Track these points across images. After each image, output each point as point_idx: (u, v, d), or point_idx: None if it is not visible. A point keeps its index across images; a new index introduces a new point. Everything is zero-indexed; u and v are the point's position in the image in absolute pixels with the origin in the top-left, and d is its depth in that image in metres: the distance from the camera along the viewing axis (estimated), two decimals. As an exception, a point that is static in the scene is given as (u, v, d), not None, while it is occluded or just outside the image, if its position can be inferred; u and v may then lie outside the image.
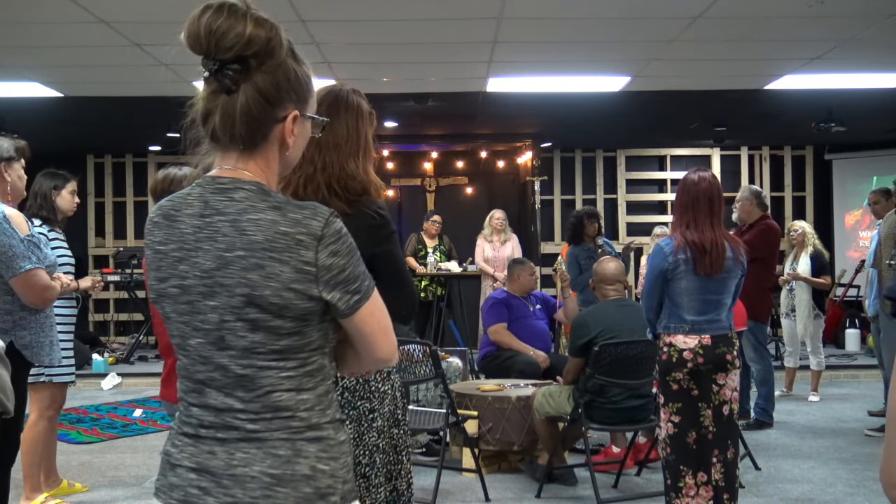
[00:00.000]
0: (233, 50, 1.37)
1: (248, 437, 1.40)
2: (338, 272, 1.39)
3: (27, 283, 3.39)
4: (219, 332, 1.40)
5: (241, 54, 1.38)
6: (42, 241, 3.77)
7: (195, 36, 1.38)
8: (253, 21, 1.38)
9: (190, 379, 1.46)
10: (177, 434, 1.49)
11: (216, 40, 1.37)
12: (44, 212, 4.40)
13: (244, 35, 1.37)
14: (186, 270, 1.41)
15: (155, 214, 1.49)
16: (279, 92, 1.42)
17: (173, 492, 1.44)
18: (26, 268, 3.36)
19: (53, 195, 4.43)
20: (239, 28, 1.37)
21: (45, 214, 4.40)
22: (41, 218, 4.39)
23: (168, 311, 1.46)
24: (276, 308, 1.37)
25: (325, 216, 1.40)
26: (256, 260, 1.36)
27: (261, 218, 1.38)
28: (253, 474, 1.38)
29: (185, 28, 1.39)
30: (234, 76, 1.39)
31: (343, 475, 1.45)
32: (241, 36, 1.37)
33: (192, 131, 1.48)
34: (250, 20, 1.38)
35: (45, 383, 4.34)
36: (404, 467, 2.41)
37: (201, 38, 1.37)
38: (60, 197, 4.47)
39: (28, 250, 3.38)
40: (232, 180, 1.42)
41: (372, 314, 1.46)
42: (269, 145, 1.46)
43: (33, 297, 3.43)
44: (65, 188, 4.50)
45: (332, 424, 1.46)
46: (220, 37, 1.36)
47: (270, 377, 1.40)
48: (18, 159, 3.57)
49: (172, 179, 3.14)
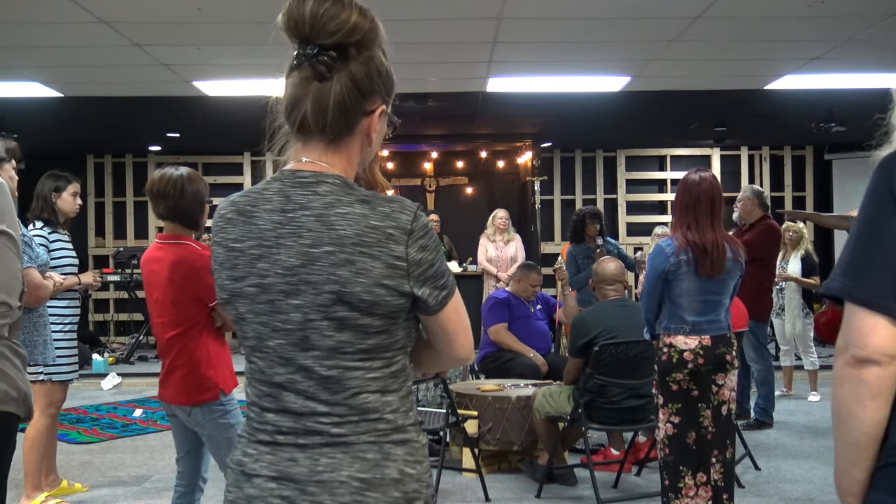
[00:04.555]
0: (335, 36, 1.35)
1: (333, 441, 1.35)
2: (427, 267, 1.36)
3: None
4: (302, 332, 1.35)
5: (342, 42, 1.35)
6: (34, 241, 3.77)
7: (298, 18, 1.35)
8: (357, 10, 1.36)
9: (266, 383, 1.39)
10: (249, 442, 1.42)
11: (322, 25, 1.34)
12: (45, 214, 4.44)
13: (349, 22, 1.35)
14: (266, 268, 1.36)
15: (227, 210, 1.43)
16: (372, 84, 1.40)
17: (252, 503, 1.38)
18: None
19: (54, 197, 4.46)
20: (344, 15, 1.35)
21: (47, 216, 4.43)
22: (42, 220, 4.42)
23: (243, 311, 1.39)
24: (367, 305, 1.32)
25: (412, 210, 1.36)
26: (346, 255, 1.31)
27: (349, 212, 1.33)
28: (342, 479, 1.33)
29: (284, 11, 1.36)
30: (331, 63, 1.35)
31: (427, 479, 1.41)
32: (346, 23, 1.35)
33: (272, 122, 1.44)
34: (355, 8, 1.36)
35: (44, 382, 4.35)
36: None
37: (305, 22, 1.34)
38: (61, 199, 4.49)
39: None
40: (314, 174, 1.38)
41: (456, 311, 1.43)
42: (354, 139, 1.42)
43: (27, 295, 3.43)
44: (66, 190, 4.51)
45: (414, 427, 1.42)
46: (325, 21, 1.34)
47: (357, 378, 1.35)
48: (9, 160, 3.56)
49: (169, 179, 3.13)
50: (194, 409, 3.07)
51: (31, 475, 4.36)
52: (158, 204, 3.15)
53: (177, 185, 3.11)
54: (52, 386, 4.42)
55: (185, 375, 3.07)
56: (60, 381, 4.47)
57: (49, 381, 4.39)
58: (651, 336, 3.79)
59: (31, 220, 4.42)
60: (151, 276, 3.15)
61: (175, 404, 3.13)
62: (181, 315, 3.06)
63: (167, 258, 3.09)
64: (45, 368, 4.31)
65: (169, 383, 3.12)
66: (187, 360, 3.06)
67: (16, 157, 3.58)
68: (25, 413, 2.32)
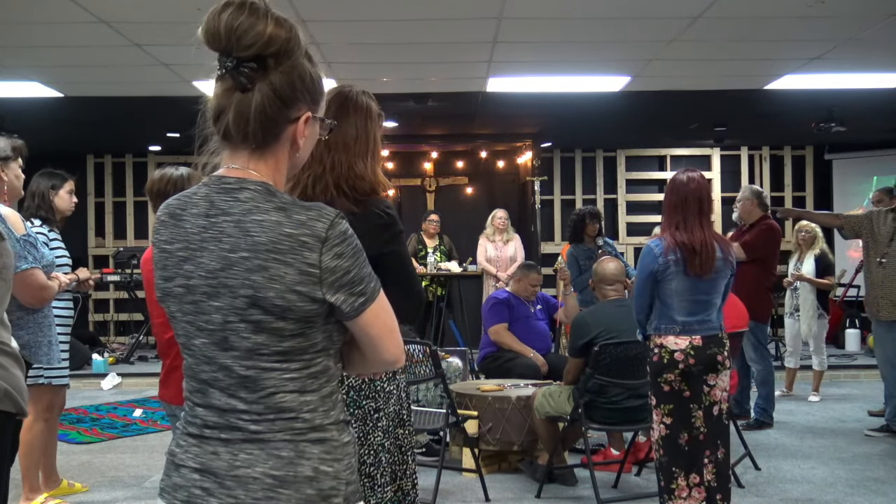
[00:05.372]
0: (252, 48, 1.37)
1: (251, 437, 1.39)
2: (342, 274, 1.38)
3: (24, 283, 3.38)
4: (223, 333, 1.39)
5: (260, 53, 1.37)
6: (39, 241, 3.75)
7: (214, 32, 1.37)
8: (273, 20, 1.38)
9: (195, 379, 1.45)
10: (182, 434, 1.48)
11: (237, 38, 1.36)
12: (42, 212, 4.37)
13: (264, 34, 1.36)
14: (191, 270, 1.41)
15: (162, 213, 1.48)
16: (294, 92, 1.42)
17: (177, 492, 1.44)
18: (23, 267, 3.35)
19: (51, 195, 4.39)
20: (260, 27, 1.36)
21: (45, 214, 4.38)
22: (40, 218, 4.37)
23: (173, 310, 1.46)
24: (280, 310, 1.36)
25: (329, 218, 1.38)
26: (260, 261, 1.35)
27: (265, 219, 1.37)
28: (255, 475, 1.38)
29: (203, 24, 1.38)
30: (251, 74, 1.38)
31: (346, 476, 1.43)
32: (262, 35, 1.36)
33: (202, 129, 1.47)
34: (271, 19, 1.37)
35: (44, 385, 4.28)
36: (409, 467, 2.42)
37: (221, 35, 1.37)
38: (58, 197, 4.42)
39: (24, 250, 3.37)
40: (238, 180, 1.41)
41: (377, 316, 1.44)
42: (280, 145, 1.45)
43: (30, 296, 3.42)
44: (62, 188, 4.45)
45: (335, 426, 1.44)
46: (240, 34, 1.36)
47: (274, 378, 1.39)
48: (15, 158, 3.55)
49: (169, 179, 3.13)
50: (194, 409, 3.07)
51: (28, 478, 4.31)
52: (158, 204, 3.14)
53: (177, 186, 3.11)
54: (52, 389, 4.35)
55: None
56: (60, 385, 4.40)
57: (49, 385, 4.31)
58: (643, 337, 3.79)
59: (27, 219, 4.39)
60: (151, 275, 3.14)
61: (175, 404, 3.12)
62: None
63: (167, 258, 3.08)
64: (46, 372, 4.24)
65: (169, 383, 3.12)
66: (187, 361, 3.06)
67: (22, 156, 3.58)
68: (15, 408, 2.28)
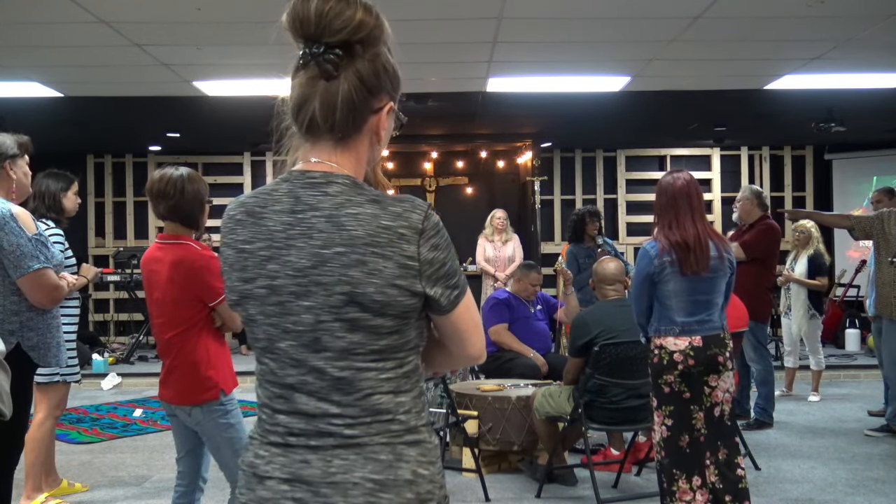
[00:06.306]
0: (341, 34, 1.33)
1: (346, 443, 1.34)
2: (439, 266, 1.36)
3: (36, 283, 3.31)
4: (314, 334, 1.34)
5: (348, 39, 1.34)
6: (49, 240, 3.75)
7: (304, 17, 1.34)
8: (362, 6, 1.35)
9: (277, 384, 1.38)
10: (261, 444, 1.40)
11: (327, 22, 1.33)
12: (53, 213, 4.45)
13: (354, 19, 1.34)
14: (277, 270, 1.35)
15: (236, 211, 1.42)
16: (379, 81, 1.39)
17: None
18: (34, 267, 3.27)
19: (61, 196, 4.49)
20: (349, 12, 1.34)
21: (55, 216, 4.45)
22: (50, 219, 4.42)
23: (253, 313, 1.39)
24: (379, 306, 1.32)
25: (423, 209, 1.36)
26: (358, 256, 1.31)
27: (360, 212, 1.33)
28: (355, 480, 1.32)
29: (288, 10, 1.35)
30: (337, 61, 1.34)
31: (440, 480, 1.40)
32: (352, 20, 1.34)
33: (278, 124, 1.42)
34: (360, 5, 1.35)
35: (59, 383, 4.40)
36: None
37: (310, 20, 1.33)
38: (67, 198, 4.53)
39: (36, 249, 3.32)
40: (324, 174, 1.37)
41: (468, 309, 1.42)
42: (362, 137, 1.41)
43: (41, 297, 3.35)
44: (70, 189, 4.56)
45: (426, 427, 1.41)
46: (331, 19, 1.33)
47: (370, 379, 1.35)
48: (22, 155, 3.52)
49: (169, 179, 3.12)
50: (194, 409, 3.07)
51: (32, 476, 4.36)
52: (159, 204, 3.15)
53: (177, 186, 3.11)
54: (65, 387, 4.48)
55: (185, 375, 3.07)
56: (73, 382, 4.54)
57: (63, 383, 4.43)
58: (646, 339, 3.79)
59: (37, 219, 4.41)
60: (152, 276, 3.15)
61: (175, 404, 3.13)
62: (181, 315, 3.07)
63: (167, 258, 3.09)
64: (61, 370, 4.31)
65: (169, 383, 3.13)
66: (187, 360, 3.06)
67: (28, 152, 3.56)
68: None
